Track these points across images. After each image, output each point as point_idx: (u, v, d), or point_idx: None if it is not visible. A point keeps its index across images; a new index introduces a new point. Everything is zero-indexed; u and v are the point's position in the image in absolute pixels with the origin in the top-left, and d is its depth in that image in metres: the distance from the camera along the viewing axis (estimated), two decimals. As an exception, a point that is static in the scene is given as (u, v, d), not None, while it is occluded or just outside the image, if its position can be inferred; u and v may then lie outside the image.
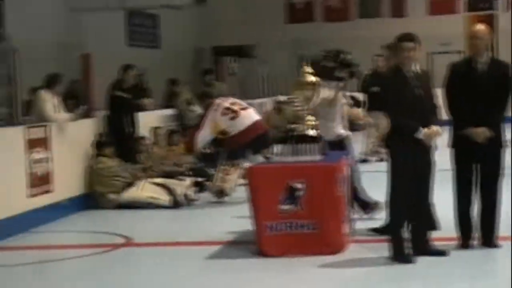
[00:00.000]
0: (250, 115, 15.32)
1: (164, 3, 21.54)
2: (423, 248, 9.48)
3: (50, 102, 13.78)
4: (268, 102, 24.04)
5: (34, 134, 12.95)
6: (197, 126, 15.38)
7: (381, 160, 15.71)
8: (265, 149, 15.06)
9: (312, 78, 11.09)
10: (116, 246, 11.13)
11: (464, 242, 9.86)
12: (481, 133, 9.57)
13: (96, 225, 12.85)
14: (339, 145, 11.73)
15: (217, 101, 15.51)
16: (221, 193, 14.90)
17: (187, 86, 20.51)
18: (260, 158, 15.47)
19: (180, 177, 15.29)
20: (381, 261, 9.31)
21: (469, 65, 9.92)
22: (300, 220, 9.79)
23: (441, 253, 9.50)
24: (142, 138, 16.23)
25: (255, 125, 15.18)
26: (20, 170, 12.49)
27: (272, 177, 10.05)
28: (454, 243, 9.82)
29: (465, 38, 9.99)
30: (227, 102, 15.45)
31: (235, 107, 15.20)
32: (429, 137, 9.26)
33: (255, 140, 14.99)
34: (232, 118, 14.94)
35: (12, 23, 16.65)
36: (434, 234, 9.66)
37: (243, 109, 15.35)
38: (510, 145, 10.32)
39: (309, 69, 11.13)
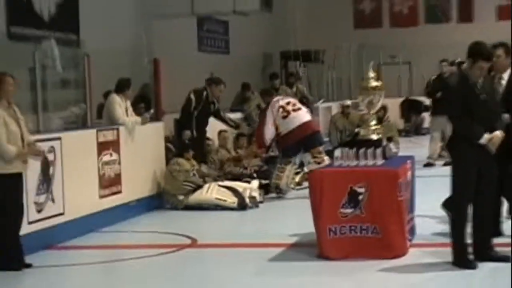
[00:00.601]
0: (300, 116, 15.50)
1: (233, 10, 21.62)
2: (486, 254, 9.35)
3: (120, 105, 13.82)
4: (334, 106, 24.02)
5: (105, 137, 13.01)
6: (260, 124, 15.81)
7: (447, 164, 15.54)
8: (315, 149, 15.34)
9: (376, 83, 11.01)
10: (181, 247, 11.11)
11: None
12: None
13: (162, 226, 12.82)
14: None
15: (275, 99, 15.78)
16: (277, 189, 15.39)
17: (257, 91, 20.52)
18: (309, 157, 15.47)
19: (247, 179, 15.25)
20: (443, 266, 9.18)
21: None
22: (361, 224, 9.72)
23: (505, 259, 9.32)
24: (208, 139, 16.26)
25: (304, 125, 15.37)
26: (92, 172, 12.55)
27: (335, 181, 9.95)
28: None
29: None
30: (283, 101, 15.75)
31: (289, 107, 15.46)
32: (492, 142, 9.09)
33: (303, 139, 15.26)
34: (284, 117, 15.27)
35: (87, 30, 16.71)
36: (495, 240, 9.56)
37: (295, 110, 15.52)
38: None
39: (373, 74, 11.06)
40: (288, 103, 15.63)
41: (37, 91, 12.79)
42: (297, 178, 16.25)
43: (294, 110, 15.40)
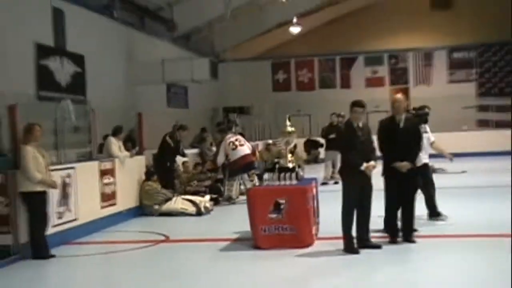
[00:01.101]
0: (243, 150, 15.97)
1: (190, 78, 21.73)
2: (365, 243, 9.46)
3: (115, 144, 13.78)
4: (260, 144, 24.08)
5: (104, 166, 12.93)
6: (217, 152, 16.53)
7: (336, 183, 15.58)
8: (250, 172, 16.48)
9: (292, 129, 11.11)
10: (158, 242, 11.08)
11: (392, 239, 9.83)
12: (404, 165, 9.58)
13: (145, 227, 12.73)
14: None
15: (227, 136, 16.21)
16: (229, 199, 15.77)
17: (209, 133, 20.57)
18: (246, 177, 16.22)
19: (202, 194, 15.26)
20: (337, 252, 9.27)
21: (393, 120, 9.95)
22: (282, 225, 9.78)
23: (377, 246, 9.47)
24: (176, 168, 16.29)
25: (245, 156, 15.91)
26: (96, 190, 12.45)
27: (264, 195, 10.03)
28: (385, 240, 9.80)
29: (389, 102, 10.04)
30: (233, 138, 16.17)
31: (236, 142, 15.98)
32: (369, 169, 9.25)
33: (244, 165, 15.89)
34: (233, 149, 15.81)
35: (91, 93, 16.66)
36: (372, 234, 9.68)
37: (241, 145, 16.01)
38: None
39: (289, 123, 11.15)
40: (236, 140, 16.06)
41: (58, 135, 12.77)
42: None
43: (240, 145, 15.90)
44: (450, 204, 12.59)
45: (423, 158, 11.32)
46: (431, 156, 11.85)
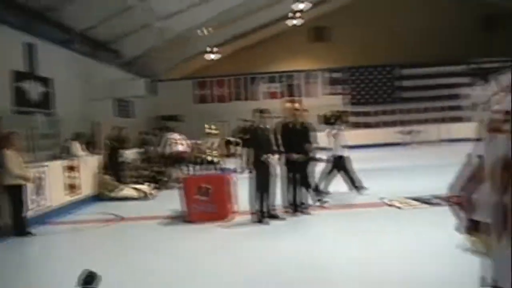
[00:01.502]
0: (179, 146, 16.01)
1: (134, 94, 21.63)
2: (272, 215, 9.63)
3: (77, 147, 13.56)
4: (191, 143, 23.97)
5: (69, 163, 12.71)
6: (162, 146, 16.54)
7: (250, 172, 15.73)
8: (183, 164, 15.44)
9: (215, 131, 11.24)
10: (115, 221, 10.99)
11: (293, 213, 9.95)
12: (300, 157, 9.80)
13: (103, 209, 12.51)
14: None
15: (172, 135, 16.59)
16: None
17: (151, 136, 20.35)
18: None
19: (147, 183, 15.07)
20: (250, 224, 9.40)
21: (288, 123, 10.11)
22: (209, 204, 9.86)
23: (282, 218, 9.65)
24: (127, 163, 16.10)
25: (180, 152, 15.85)
26: (63, 182, 12.24)
27: (195, 182, 10.08)
28: (284, 213, 9.96)
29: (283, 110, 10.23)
30: (177, 137, 16.39)
31: (176, 140, 16.02)
32: (268, 160, 9.45)
33: (179, 159, 15.56)
34: (174, 145, 15.88)
35: (58, 106, 16.27)
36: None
37: (180, 144, 16.02)
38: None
39: (214, 127, 11.26)
40: (177, 138, 16.27)
41: (33, 141, 12.50)
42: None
43: (179, 143, 16.05)
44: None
45: (339, 150, 11.60)
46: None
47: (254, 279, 6.19)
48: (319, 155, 10.75)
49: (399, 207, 10.02)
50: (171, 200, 11.67)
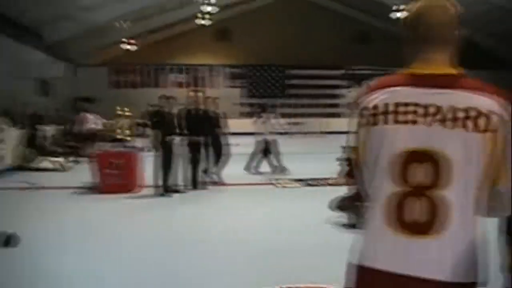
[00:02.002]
0: (93, 125, 16.03)
1: (54, 76, 20.77)
2: (175, 190, 9.71)
3: (4, 121, 12.97)
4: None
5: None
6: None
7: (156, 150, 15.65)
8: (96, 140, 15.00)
9: (127, 113, 11.18)
10: (29, 189, 10.61)
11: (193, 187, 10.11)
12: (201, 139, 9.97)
13: (21, 178, 12.02)
14: None
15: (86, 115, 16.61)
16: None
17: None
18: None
19: (63, 156, 14.58)
20: (156, 195, 9.48)
21: (191, 109, 10.24)
22: (118, 178, 9.83)
23: (183, 192, 9.78)
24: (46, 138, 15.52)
25: (93, 129, 15.67)
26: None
27: (105, 157, 10.00)
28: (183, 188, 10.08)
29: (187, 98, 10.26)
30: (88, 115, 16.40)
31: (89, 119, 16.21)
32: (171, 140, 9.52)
33: (92, 136, 14.90)
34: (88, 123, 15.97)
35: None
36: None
37: (94, 122, 16.13)
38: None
39: (126, 109, 11.19)
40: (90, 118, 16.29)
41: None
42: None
43: (94, 122, 16.07)
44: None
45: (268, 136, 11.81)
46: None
47: (154, 240, 6.42)
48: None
49: (284, 187, 10.43)
50: (85, 173, 11.52)
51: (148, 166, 10.17)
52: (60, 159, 14.04)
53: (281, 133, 12.18)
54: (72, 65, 21.94)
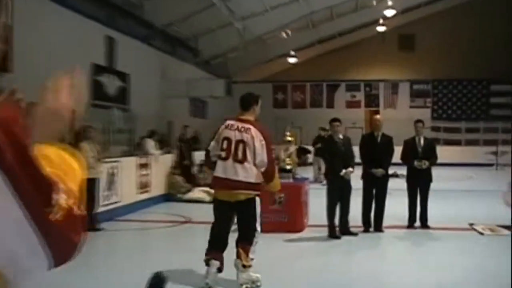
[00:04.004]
0: None
1: (209, 95, 21.71)
2: (345, 231, 9.48)
3: (151, 144, 13.79)
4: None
5: (142, 161, 12.96)
6: None
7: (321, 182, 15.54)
8: None
9: (290, 138, 11.17)
10: (182, 223, 11.08)
11: (366, 229, 9.85)
12: (379, 171, 9.60)
13: (171, 211, 12.67)
14: None
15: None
16: None
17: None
18: None
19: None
20: (323, 237, 9.28)
21: (372, 135, 9.99)
22: (281, 214, 9.72)
23: (354, 234, 9.48)
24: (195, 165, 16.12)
25: None
26: (135, 179, 12.48)
27: (267, 192, 9.97)
28: (361, 229, 9.79)
29: (365, 121, 9.91)
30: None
31: None
32: (347, 174, 9.25)
33: None
34: None
35: (133, 102, 16.66)
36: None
37: None
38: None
39: (288, 133, 11.19)
40: None
41: (109, 134, 12.84)
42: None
43: None
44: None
45: None
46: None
47: None
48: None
49: (481, 233, 9.65)
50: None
51: (314, 201, 9.97)
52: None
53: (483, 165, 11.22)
54: (231, 82, 22.85)
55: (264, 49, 27.46)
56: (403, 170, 10.88)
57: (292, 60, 30.25)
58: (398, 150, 10.10)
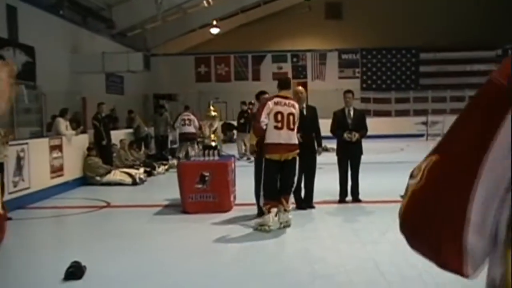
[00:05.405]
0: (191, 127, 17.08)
1: (126, 69, 21.23)
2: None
3: (63, 124, 13.38)
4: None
5: (53, 142, 12.58)
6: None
7: (248, 159, 15.55)
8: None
9: (215, 113, 11.08)
10: (101, 207, 10.87)
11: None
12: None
13: (88, 194, 12.44)
14: None
15: (184, 113, 17.76)
16: (179, 158, 15.30)
17: (137, 115, 20.09)
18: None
19: (137, 167, 14.98)
20: (252, 217, 9.15)
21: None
22: (207, 193, 9.71)
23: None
24: (114, 145, 15.82)
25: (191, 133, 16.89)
26: (46, 163, 12.10)
27: (191, 169, 9.94)
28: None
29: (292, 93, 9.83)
30: (186, 117, 17.47)
31: (186, 121, 17.25)
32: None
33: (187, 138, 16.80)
34: (183, 125, 17.32)
35: (40, 78, 16.08)
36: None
37: (188, 124, 17.20)
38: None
39: (213, 108, 11.11)
40: (187, 119, 17.29)
41: (14, 116, 12.37)
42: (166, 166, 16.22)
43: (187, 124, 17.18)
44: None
45: None
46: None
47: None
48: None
49: None
50: (163, 187, 11.61)
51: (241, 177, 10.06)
52: (136, 171, 14.29)
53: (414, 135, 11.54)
54: (150, 55, 22.47)
55: (185, 19, 27.14)
56: (333, 144, 11.06)
57: (214, 30, 30.08)
58: (327, 123, 10.22)
